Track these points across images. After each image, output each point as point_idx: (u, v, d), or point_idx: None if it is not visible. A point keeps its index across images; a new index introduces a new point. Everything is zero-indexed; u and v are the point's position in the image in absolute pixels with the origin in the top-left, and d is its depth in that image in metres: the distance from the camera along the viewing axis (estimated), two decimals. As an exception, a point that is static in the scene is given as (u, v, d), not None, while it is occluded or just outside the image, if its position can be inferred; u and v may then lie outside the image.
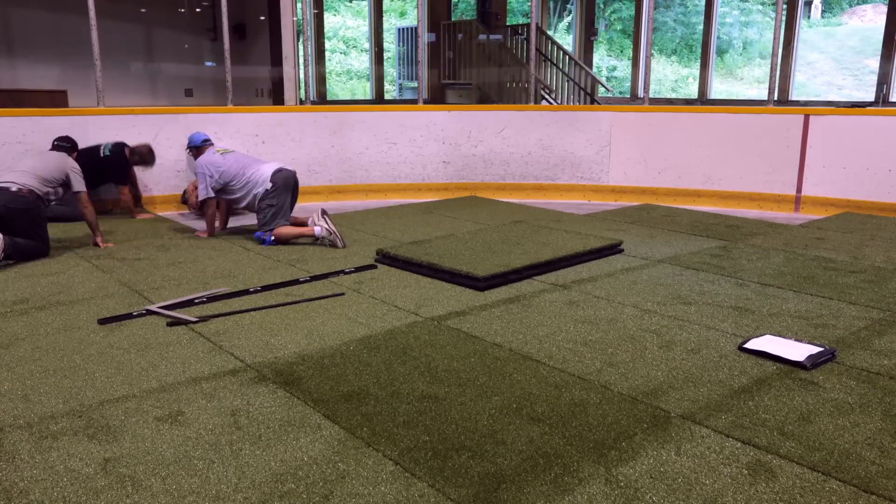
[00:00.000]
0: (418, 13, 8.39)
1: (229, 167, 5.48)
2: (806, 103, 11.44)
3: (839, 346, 3.36)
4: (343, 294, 4.16)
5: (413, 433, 2.52)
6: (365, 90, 16.67)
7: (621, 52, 20.78)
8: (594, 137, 7.85)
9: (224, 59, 7.42)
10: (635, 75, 14.74)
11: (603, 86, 13.99)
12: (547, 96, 12.54)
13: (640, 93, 8.18)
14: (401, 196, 7.89)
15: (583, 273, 4.64)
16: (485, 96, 12.55)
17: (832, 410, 2.71)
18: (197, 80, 11.80)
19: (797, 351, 3.23)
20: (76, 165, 5.31)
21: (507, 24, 13.60)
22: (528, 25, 10.87)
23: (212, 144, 5.90)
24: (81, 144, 6.33)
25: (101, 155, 6.42)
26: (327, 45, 15.68)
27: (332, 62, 18.45)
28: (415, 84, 13.26)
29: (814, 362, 3.11)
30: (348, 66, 19.00)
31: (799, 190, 7.13)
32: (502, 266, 4.46)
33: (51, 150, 5.83)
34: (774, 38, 7.44)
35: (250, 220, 6.02)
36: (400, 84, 15.88)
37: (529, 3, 10.10)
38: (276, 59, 11.19)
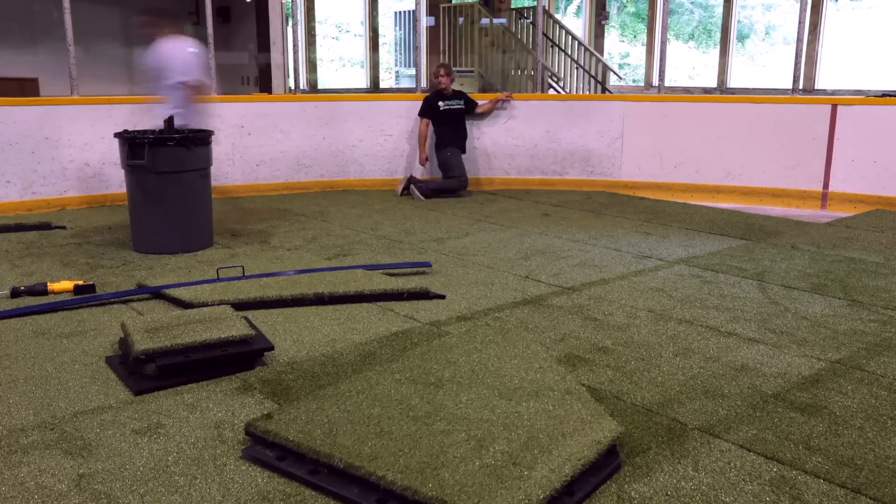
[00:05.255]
0: (416, -5, 8.39)
1: None
2: (833, 92, 11.44)
3: (869, 354, 3.36)
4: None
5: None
6: (359, 78, 16.67)
7: (634, 37, 20.80)
8: (605, 129, 7.85)
9: (207, 45, 7.42)
10: (650, 62, 14.74)
11: (615, 73, 14.01)
12: (554, 85, 12.55)
13: (655, 81, 8.18)
14: (397, 192, 7.88)
15: (592, 276, 4.64)
16: (488, 84, 12.55)
17: (862, 423, 2.70)
18: (178, 68, 11.80)
19: None
20: None
21: (512, 6, 13.61)
22: (534, 8, 10.88)
23: None
24: (58, 136, 6.47)
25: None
26: (318, 29, 15.69)
27: (324, 48, 18.48)
28: (412, 71, 13.26)
29: None
30: (341, 53, 19.05)
31: (826, 185, 7.12)
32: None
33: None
34: (799, 22, 7.44)
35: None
36: (397, 71, 15.90)
37: (536, -15, 10.11)
38: (264, 45, 11.21)
